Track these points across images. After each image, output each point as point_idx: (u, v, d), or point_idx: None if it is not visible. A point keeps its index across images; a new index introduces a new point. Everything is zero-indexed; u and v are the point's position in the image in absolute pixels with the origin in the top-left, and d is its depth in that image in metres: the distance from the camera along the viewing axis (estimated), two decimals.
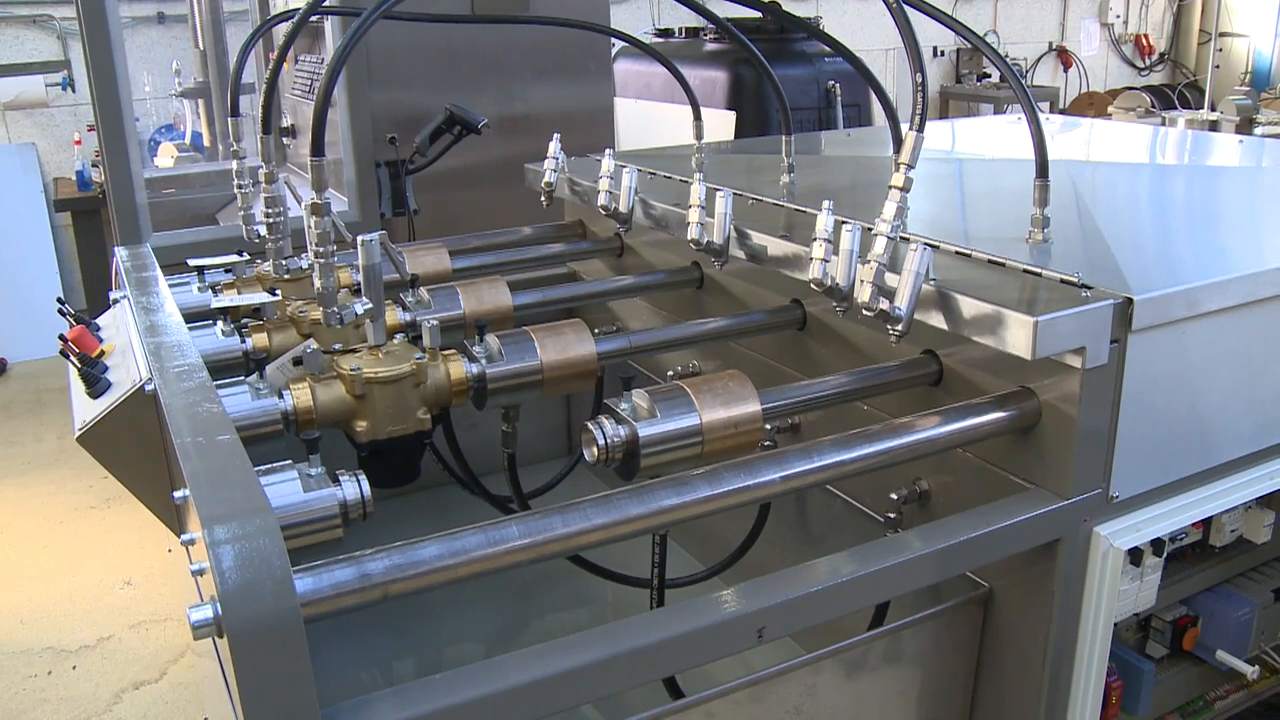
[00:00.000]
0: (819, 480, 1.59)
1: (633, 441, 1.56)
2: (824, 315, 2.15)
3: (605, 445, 1.56)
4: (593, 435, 1.57)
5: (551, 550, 1.36)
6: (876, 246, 1.64)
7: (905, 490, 1.88)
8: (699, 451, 1.61)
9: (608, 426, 1.58)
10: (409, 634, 2.51)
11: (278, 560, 1.14)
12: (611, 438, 1.57)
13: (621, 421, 1.58)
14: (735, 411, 1.63)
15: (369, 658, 2.44)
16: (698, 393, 1.62)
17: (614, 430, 1.57)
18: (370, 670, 2.42)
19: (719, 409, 1.62)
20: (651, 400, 1.59)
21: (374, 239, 1.72)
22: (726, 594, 1.46)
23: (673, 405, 1.60)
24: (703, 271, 2.51)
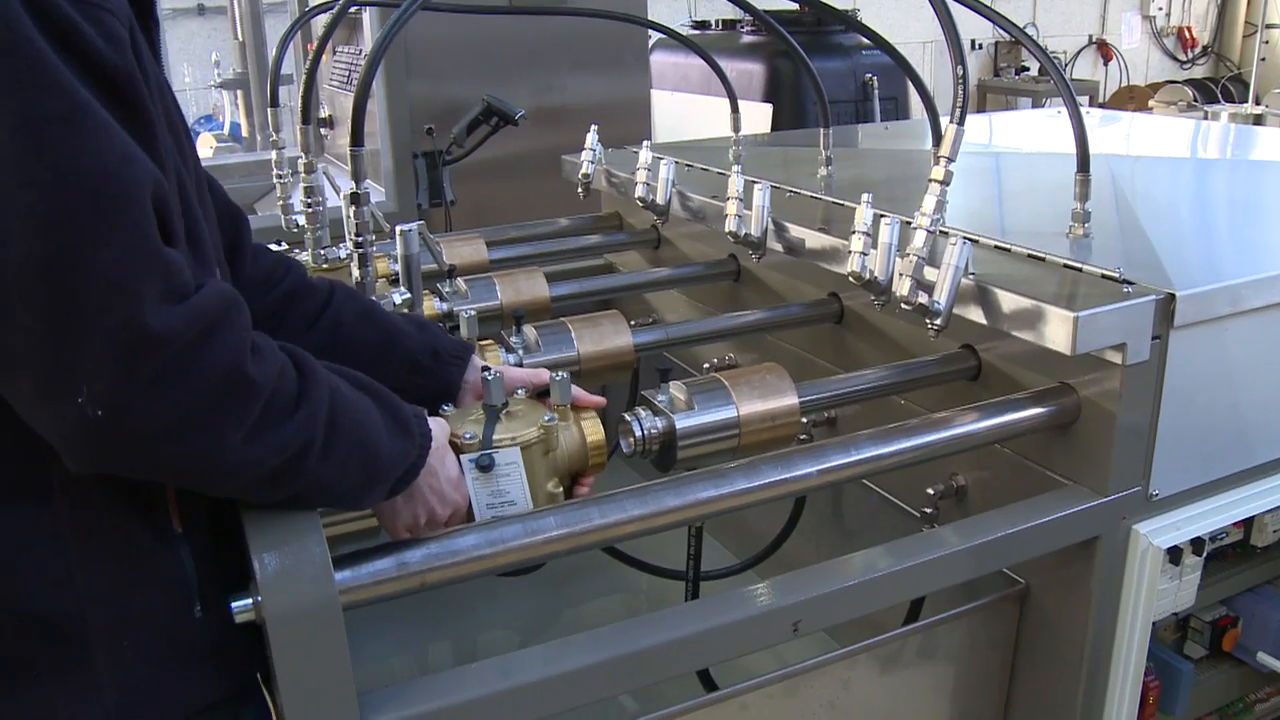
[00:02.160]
0: (856, 474, 1.58)
1: (670, 433, 1.56)
2: (862, 309, 2.14)
3: (642, 436, 1.56)
4: (630, 426, 1.57)
5: (588, 541, 1.37)
6: (916, 240, 1.63)
7: (942, 485, 1.87)
8: (736, 444, 1.61)
9: (645, 418, 1.58)
10: (443, 623, 2.52)
11: (317, 548, 1.15)
12: (648, 429, 1.57)
13: (659, 413, 1.58)
14: (772, 404, 1.63)
15: (402, 646, 2.45)
16: (735, 385, 1.62)
17: (651, 422, 1.57)
18: (403, 658, 2.44)
19: (756, 402, 1.61)
20: (689, 392, 1.59)
21: (413, 229, 1.73)
22: (762, 587, 1.46)
23: (710, 397, 1.60)
24: (739, 264, 2.50)
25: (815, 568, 1.50)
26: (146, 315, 0.95)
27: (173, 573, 1.15)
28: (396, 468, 1.23)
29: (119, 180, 0.95)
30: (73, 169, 0.93)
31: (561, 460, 1.48)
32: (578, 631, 1.36)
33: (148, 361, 0.95)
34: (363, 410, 1.18)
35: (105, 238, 0.94)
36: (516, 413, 1.48)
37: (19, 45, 0.93)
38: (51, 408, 0.96)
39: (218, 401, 1.00)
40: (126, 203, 0.96)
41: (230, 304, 1.03)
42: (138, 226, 0.96)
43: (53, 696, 1.09)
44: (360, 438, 1.16)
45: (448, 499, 1.33)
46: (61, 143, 0.93)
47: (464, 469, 1.38)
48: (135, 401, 0.95)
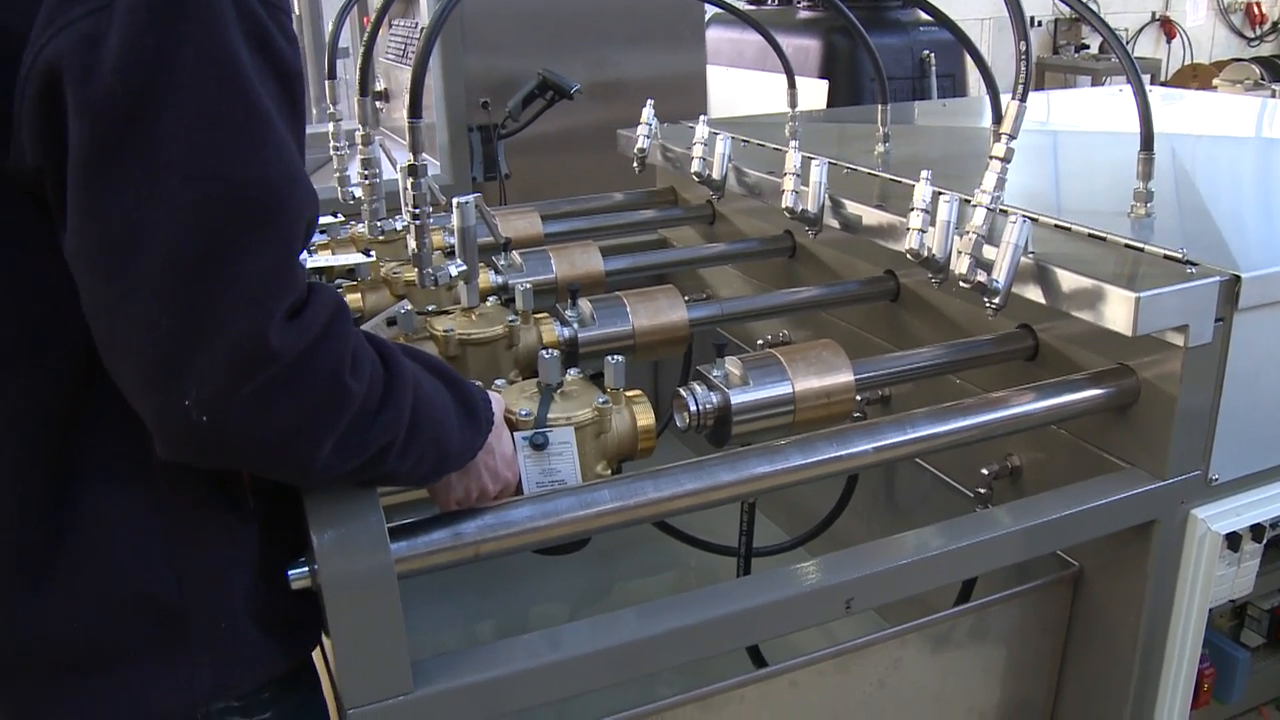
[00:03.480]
0: (911, 452, 1.57)
1: (725, 408, 1.56)
2: (918, 287, 2.13)
3: (697, 411, 1.56)
4: (684, 401, 1.57)
5: (642, 515, 1.37)
6: (975, 218, 1.62)
7: (996, 466, 1.86)
8: (790, 420, 1.60)
9: (700, 392, 1.57)
10: (493, 595, 2.54)
11: (373, 516, 1.16)
12: (703, 404, 1.57)
13: (714, 388, 1.58)
14: (828, 381, 1.62)
15: (453, 617, 2.47)
16: (791, 361, 1.61)
17: (706, 396, 1.57)
18: (453, 629, 2.46)
19: (812, 378, 1.61)
20: (744, 367, 1.59)
21: (469, 201, 1.73)
22: (815, 564, 1.46)
23: (766, 373, 1.59)
24: (795, 240, 2.49)
25: (868, 546, 1.50)
26: (271, 332, 0.94)
27: (250, 548, 1.16)
28: (464, 457, 1.25)
29: (280, 197, 0.95)
30: (240, 177, 0.93)
31: (611, 443, 1.49)
32: (627, 606, 1.36)
33: (260, 375, 0.94)
34: (439, 404, 1.18)
35: (254, 250, 0.93)
36: (571, 392, 1.49)
37: (216, 38, 0.92)
38: (155, 401, 0.95)
39: (316, 413, 1.00)
40: (282, 219, 0.95)
41: (335, 312, 1.02)
42: (286, 244, 0.96)
43: (153, 675, 1.11)
44: (437, 435, 1.17)
45: (500, 476, 1.33)
46: (235, 147, 0.93)
47: (517, 446, 1.38)
48: (240, 412, 0.95)
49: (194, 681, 1.12)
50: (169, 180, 0.91)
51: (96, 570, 1.07)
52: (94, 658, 1.08)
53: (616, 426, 1.49)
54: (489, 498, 1.33)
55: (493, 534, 1.28)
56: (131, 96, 0.90)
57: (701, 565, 2.54)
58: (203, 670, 1.12)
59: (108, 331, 0.95)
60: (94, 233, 0.92)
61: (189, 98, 0.91)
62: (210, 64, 0.92)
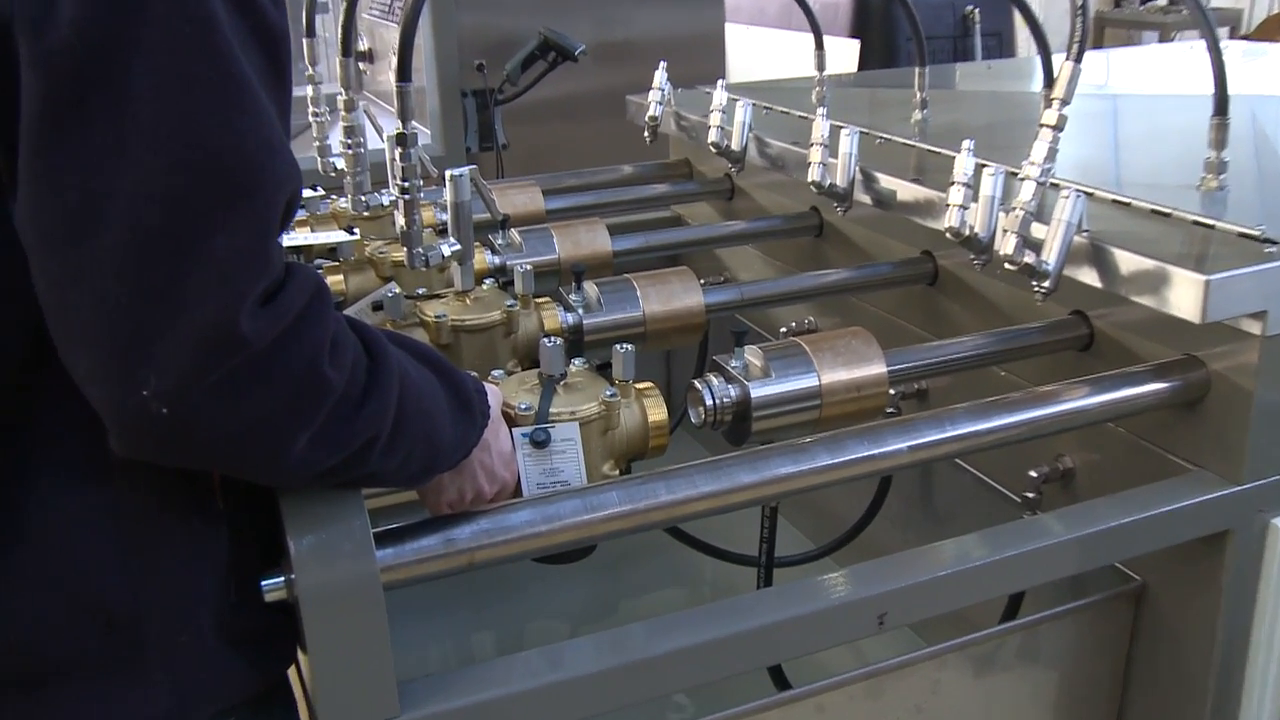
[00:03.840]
0: (950, 452, 1.57)
1: (744, 402, 1.55)
2: (959, 269, 2.12)
3: (713, 405, 1.56)
4: (700, 394, 1.56)
5: (654, 519, 1.36)
6: (1023, 192, 1.61)
7: (1046, 468, 1.85)
8: (816, 416, 1.60)
9: (717, 385, 1.57)
10: (489, 608, 2.54)
11: (356, 520, 1.16)
12: (720, 397, 1.56)
13: (732, 380, 1.57)
14: (858, 373, 1.61)
15: (444, 633, 2.47)
16: (817, 351, 1.61)
17: (723, 389, 1.57)
18: (443, 646, 2.46)
19: (840, 370, 1.60)
20: (766, 358, 1.58)
21: (464, 174, 1.73)
22: (844, 575, 1.45)
23: (789, 364, 1.59)
24: (822, 217, 2.48)
25: (903, 555, 1.49)
26: (243, 316, 0.93)
27: (218, 555, 1.16)
28: (456, 454, 1.24)
29: (258, 169, 0.94)
30: (214, 145, 0.92)
31: (619, 441, 1.49)
32: (636, 621, 1.36)
33: (228, 363, 0.93)
34: (429, 395, 1.17)
35: (227, 227, 0.92)
36: (576, 385, 1.49)
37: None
38: (111, 390, 0.94)
39: (290, 405, 0.99)
40: (258, 194, 0.94)
41: (314, 295, 1.01)
42: (262, 221, 0.95)
43: (102, 694, 1.09)
44: (426, 429, 1.16)
45: (497, 476, 1.33)
46: (209, 112, 0.91)
47: (516, 443, 1.38)
48: (206, 404, 0.94)
49: (149, 703, 1.11)
50: (134, 146, 0.90)
51: (41, 577, 1.06)
52: (38, 672, 1.08)
53: (625, 422, 1.49)
54: (484, 500, 1.33)
55: (488, 540, 1.27)
56: (92, 51, 0.89)
57: (718, 576, 2.54)
58: (159, 690, 1.11)
59: (60, 312, 0.94)
60: (48, 202, 0.91)
61: (158, 56, 0.90)
62: (183, 20, 0.91)
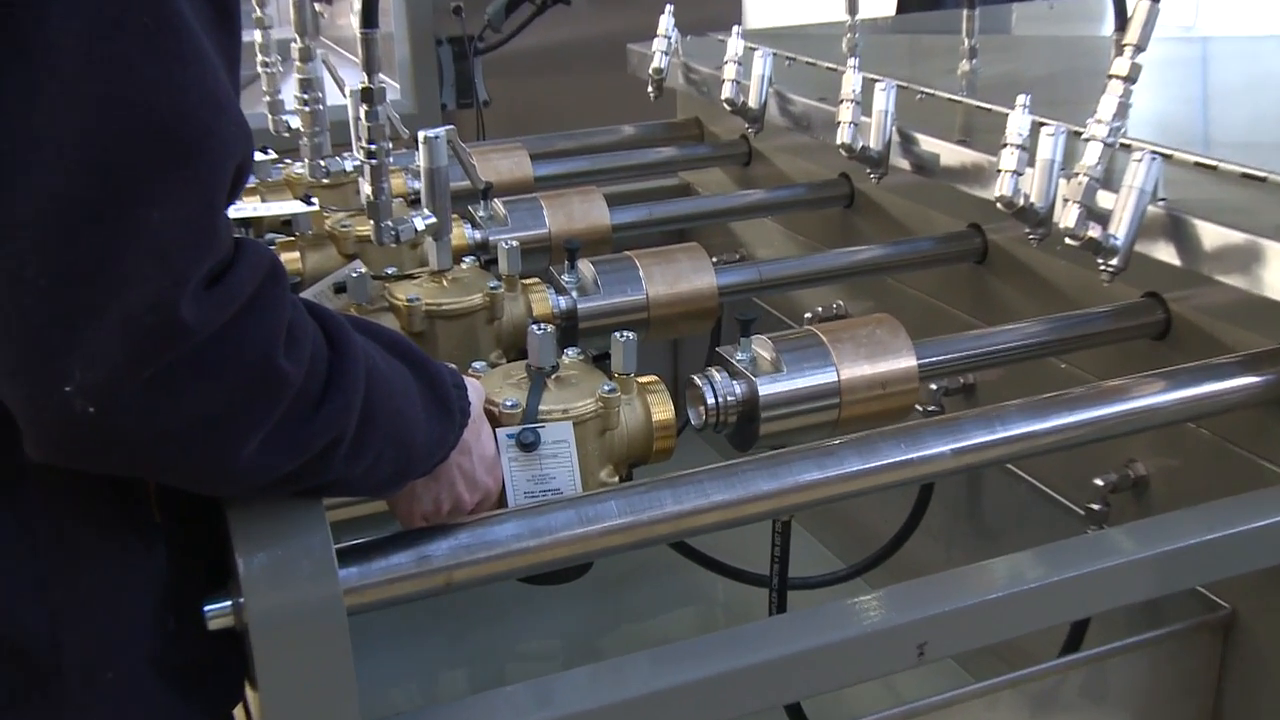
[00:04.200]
0: (1002, 456, 1.56)
1: (750, 401, 1.55)
2: (1011, 245, 2.12)
3: (716, 405, 1.55)
4: (700, 391, 1.55)
5: (658, 533, 1.35)
6: (1088, 155, 1.60)
7: (1115, 475, 1.84)
8: (835, 418, 1.59)
9: (719, 381, 1.56)
10: (469, 636, 2.54)
11: (316, 535, 1.15)
12: (724, 395, 1.55)
13: (737, 375, 1.56)
14: (883, 367, 1.61)
15: (417, 665, 2.47)
16: (836, 341, 1.60)
17: (727, 385, 1.56)
18: (416, 680, 2.46)
19: (862, 363, 1.60)
20: (776, 350, 1.58)
21: (440, 136, 1.72)
22: (877, 599, 1.45)
23: (803, 356, 1.58)
24: (853, 186, 2.48)
25: (946, 575, 1.48)
26: (184, 301, 0.91)
27: (153, 577, 1.14)
28: (432, 458, 1.23)
29: (202, 130, 0.92)
30: (150, 102, 0.89)
31: (619, 443, 1.48)
32: (638, 650, 1.35)
33: (166, 355, 0.92)
34: (400, 391, 1.16)
35: (165, 197, 0.90)
36: (569, 379, 1.48)
37: None
38: (27, 385, 0.92)
39: (239, 403, 0.97)
40: (202, 159, 0.92)
41: (267, 276, 0.99)
42: (206, 190, 0.93)
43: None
44: (397, 428, 1.15)
45: (479, 483, 1.32)
46: (144, 64, 0.89)
47: (500, 446, 1.38)
48: (139, 402, 0.92)
49: None
50: (55, 101, 0.88)
51: None
52: None
53: (626, 421, 1.48)
54: (464, 511, 1.32)
55: (468, 557, 1.26)
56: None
57: (733, 599, 2.54)
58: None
59: None
60: None
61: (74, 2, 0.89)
62: None
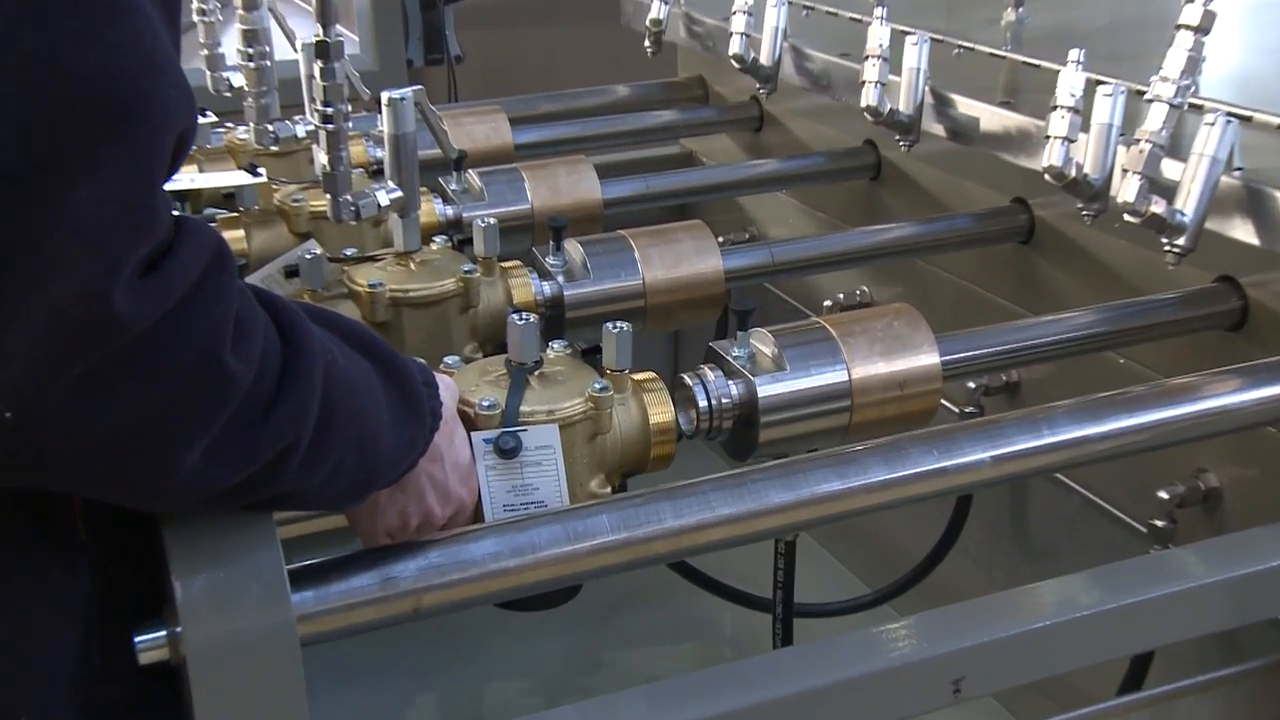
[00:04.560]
0: (1049, 465, 1.56)
1: (748, 404, 1.54)
2: (1062, 222, 2.12)
3: (709, 407, 1.54)
4: (691, 392, 1.55)
5: (656, 551, 1.35)
6: (1151, 119, 1.60)
7: (1182, 487, 1.85)
8: (845, 423, 1.59)
9: (713, 381, 1.56)
10: (436, 671, 2.54)
11: (265, 553, 1.15)
12: (718, 396, 1.55)
13: (734, 374, 1.56)
14: (900, 364, 1.60)
15: (379, 702, 2.48)
16: (846, 335, 1.60)
17: (722, 386, 1.55)
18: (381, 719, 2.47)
19: (876, 360, 1.59)
20: (778, 344, 1.57)
21: (406, 97, 1.72)
22: (907, 627, 1.45)
23: (809, 352, 1.58)
24: (880, 155, 2.49)
25: (986, 601, 1.49)
26: (117, 291, 0.91)
27: (76, 603, 1.14)
28: (398, 466, 1.24)
29: (138, 96, 0.91)
30: (76, 66, 0.89)
31: (612, 448, 1.48)
32: (631, 685, 1.35)
33: (97, 352, 0.92)
34: (364, 390, 1.16)
35: (95, 173, 0.90)
36: (554, 376, 1.48)
37: None
38: None
39: (179, 407, 0.97)
40: (139, 129, 0.92)
41: (212, 261, 0.99)
42: (143, 165, 0.93)
43: None
44: (359, 433, 1.15)
45: (451, 494, 1.32)
46: (68, 24, 0.89)
47: (476, 452, 1.38)
48: (66, 406, 0.92)
49: None
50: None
51: None
52: None
53: (619, 424, 1.48)
54: (435, 526, 1.32)
55: (440, 579, 1.26)
56: None
57: (740, 628, 2.54)
58: None
59: None
60: None
61: None
62: None
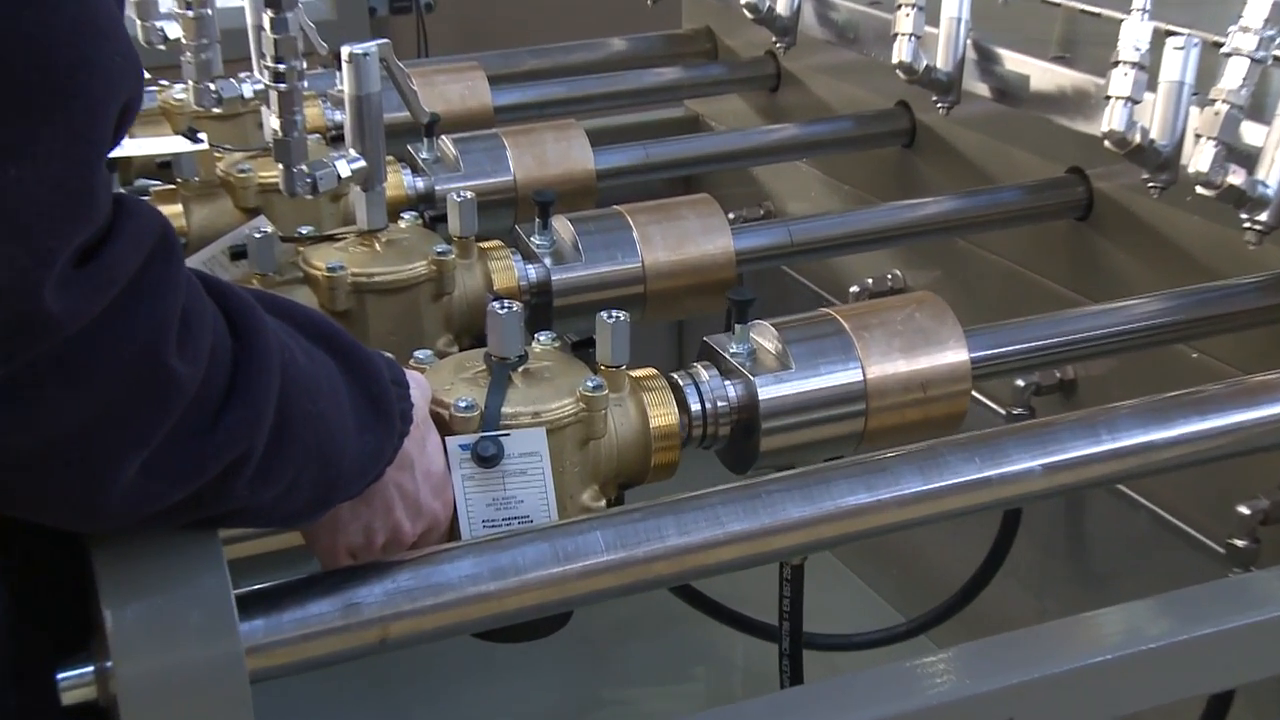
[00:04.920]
0: (1110, 475, 1.57)
1: (748, 407, 1.54)
2: (1124, 195, 2.12)
3: (703, 411, 1.54)
4: (683, 394, 1.55)
5: (658, 574, 1.36)
6: (1229, 75, 1.60)
7: (1265, 501, 1.85)
8: (859, 429, 1.59)
9: (708, 381, 1.56)
10: (410, 709, 2.55)
11: (210, 576, 1.15)
12: (713, 399, 1.54)
13: (731, 373, 1.56)
14: (923, 361, 1.60)
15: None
16: (861, 329, 1.60)
17: (717, 387, 1.55)
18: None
19: (895, 356, 1.59)
20: (783, 339, 1.57)
21: (370, 53, 1.72)
22: (945, 660, 1.44)
23: (818, 349, 1.58)
24: (915, 119, 2.49)
25: (1039, 631, 1.49)
26: (48, 286, 0.91)
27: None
28: (364, 475, 1.24)
29: (75, 64, 0.91)
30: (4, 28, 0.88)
31: (607, 455, 1.48)
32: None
33: (22, 354, 0.92)
34: (325, 392, 1.16)
35: (25, 147, 0.90)
36: (541, 372, 1.48)
37: None
38: None
39: (115, 412, 0.98)
40: (75, 101, 0.92)
41: (155, 249, 0.99)
42: (80, 141, 0.93)
43: None
44: (320, 441, 1.15)
45: (423, 508, 1.33)
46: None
47: (451, 460, 1.38)
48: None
49: None
50: None
51: None
52: None
53: (616, 428, 1.48)
54: (404, 545, 1.32)
55: (410, 605, 1.26)
56: None
57: (753, 661, 2.55)
58: None
59: None
60: None
61: None
62: None
